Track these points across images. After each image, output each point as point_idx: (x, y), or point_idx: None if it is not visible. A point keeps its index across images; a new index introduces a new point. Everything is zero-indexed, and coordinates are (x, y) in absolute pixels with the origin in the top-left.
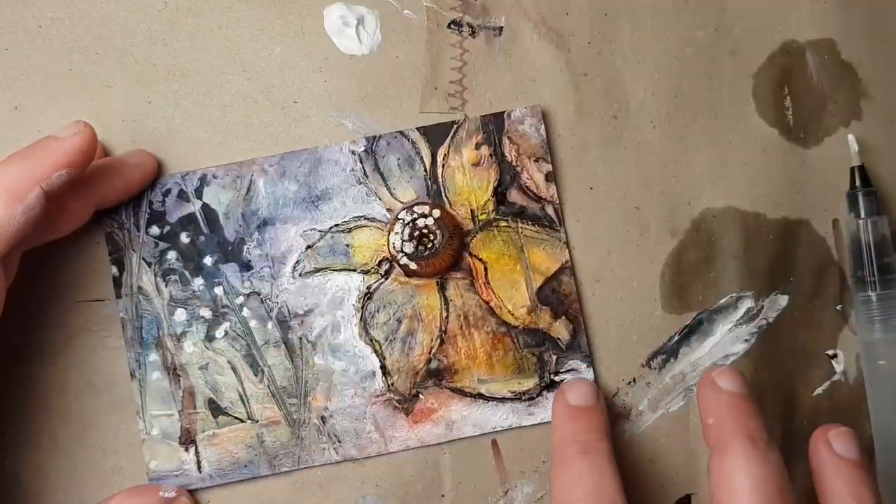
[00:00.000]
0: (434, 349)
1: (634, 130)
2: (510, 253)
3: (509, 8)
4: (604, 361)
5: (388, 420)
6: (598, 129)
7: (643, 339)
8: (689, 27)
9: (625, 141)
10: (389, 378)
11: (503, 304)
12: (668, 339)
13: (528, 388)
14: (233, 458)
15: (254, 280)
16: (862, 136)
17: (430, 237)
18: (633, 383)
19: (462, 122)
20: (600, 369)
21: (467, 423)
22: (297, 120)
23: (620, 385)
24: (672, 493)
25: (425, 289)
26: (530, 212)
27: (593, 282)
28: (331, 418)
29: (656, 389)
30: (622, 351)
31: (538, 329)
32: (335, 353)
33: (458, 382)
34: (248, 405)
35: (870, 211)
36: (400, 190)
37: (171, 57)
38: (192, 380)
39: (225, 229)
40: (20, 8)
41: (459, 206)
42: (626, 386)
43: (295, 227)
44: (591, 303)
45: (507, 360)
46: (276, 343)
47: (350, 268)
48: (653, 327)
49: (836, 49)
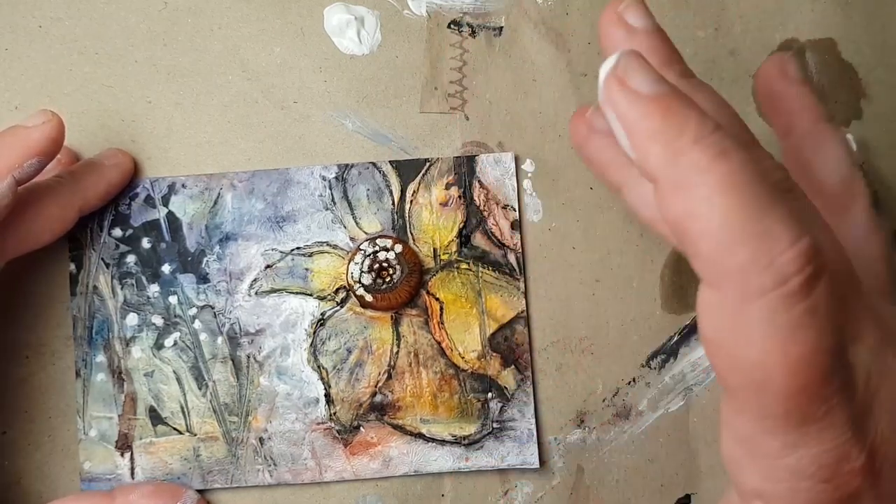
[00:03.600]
0: (381, 383)
1: None
2: (467, 296)
3: (509, 8)
4: (604, 361)
5: (326, 449)
6: None
7: (643, 339)
8: (689, 27)
9: None
10: (332, 407)
11: (454, 345)
12: (668, 339)
13: (469, 433)
14: (167, 468)
15: (209, 293)
16: (862, 136)
17: (390, 271)
18: (633, 383)
19: (434, 161)
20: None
21: (404, 461)
22: (297, 120)
23: (620, 385)
24: (672, 493)
25: (379, 322)
26: (492, 257)
27: (593, 282)
28: (269, 440)
29: (656, 389)
30: (622, 351)
31: (486, 375)
32: (281, 376)
33: (401, 419)
34: (189, 418)
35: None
36: (366, 220)
37: (171, 57)
38: (135, 385)
39: (187, 239)
40: (20, 8)
41: (423, 243)
42: (626, 386)
43: (257, 245)
44: (591, 302)
45: (451, 403)
46: (224, 359)
47: (307, 292)
48: (653, 327)
49: (836, 49)
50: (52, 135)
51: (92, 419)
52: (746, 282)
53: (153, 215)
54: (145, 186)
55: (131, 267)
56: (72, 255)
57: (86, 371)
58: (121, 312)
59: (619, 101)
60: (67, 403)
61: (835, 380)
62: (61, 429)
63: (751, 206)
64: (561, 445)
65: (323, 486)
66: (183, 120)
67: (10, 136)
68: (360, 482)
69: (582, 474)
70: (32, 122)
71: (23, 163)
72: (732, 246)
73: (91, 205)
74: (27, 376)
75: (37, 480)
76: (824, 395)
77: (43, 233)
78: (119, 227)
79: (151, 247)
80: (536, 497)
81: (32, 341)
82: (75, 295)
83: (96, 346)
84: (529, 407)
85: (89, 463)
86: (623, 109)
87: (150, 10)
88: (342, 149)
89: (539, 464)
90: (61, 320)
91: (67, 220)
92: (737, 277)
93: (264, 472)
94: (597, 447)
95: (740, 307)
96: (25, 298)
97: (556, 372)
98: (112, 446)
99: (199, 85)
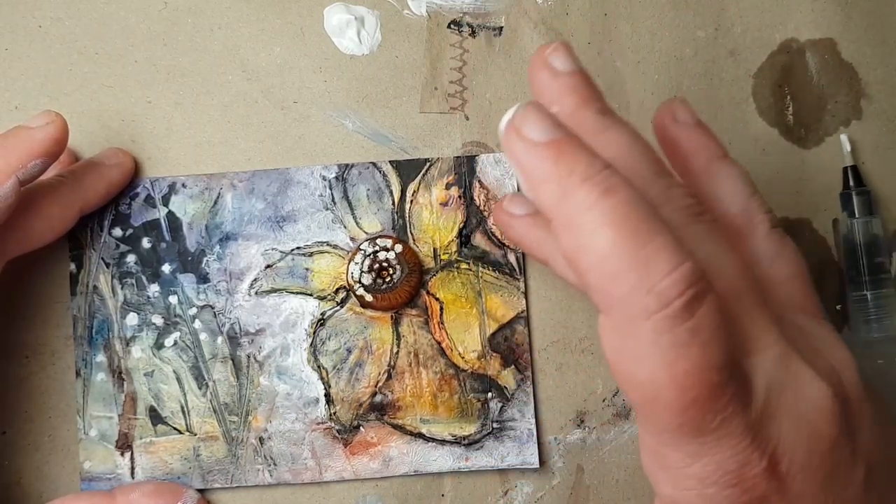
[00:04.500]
0: (380, 383)
1: None
2: (467, 296)
3: (509, 8)
4: (604, 361)
5: (326, 449)
6: None
7: None
8: (689, 27)
9: None
10: (332, 407)
11: (454, 345)
12: None
13: (469, 433)
14: (167, 468)
15: (209, 293)
16: (862, 136)
17: (390, 271)
18: None
19: (434, 161)
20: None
21: (404, 461)
22: (297, 120)
23: None
24: None
25: (379, 322)
26: (492, 257)
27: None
28: (269, 440)
29: None
30: None
31: (486, 375)
32: (281, 376)
33: (401, 419)
34: (189, 417)
35: (863, 211)
36: (366, 220)
37: (171, 57)
38: (136, 385)
39: (187, 239)
40: (20, 8)
41: (423, 243)
42: None
43: (257, 244)
44: (591, 302)
45: (451, 403)
46: (224, 359)
47: (307, 292)
48: None
49: (836, 49)
50: (56, 136)
51: (92, 419)
52: (632, 307)
53: (153, 215)
54: (145, 186)
55: (131, 267)
56: (72, 255)
57: (86, 371)
58: (121, 312)
59: (516, 149)
60: (67, 403)
61: (726, 391)
62: (61, 429)
63: (633, 237)
64: (561, 445)
65: (323, 486)
66: (183, 120)
67: (13, 136)
68: (360, 482)
69: (582, 474)
70: (36, 122)
71: (26, 164)
72: (617, 274)
73: (91, 204)
74: (27, 376)
75: (37, 480)
76: (716, 407)
77: (43, 232)
78: (119, 227)
79: (151, 246)
80: (536, 497)
81: (32, 341)
82: (75, 295)
83: (96, 345)
84: (529, 407)
85: (89, 463)
86: (519, 156)
87: (150, 10)
88: (342, 149)
89: (539, 464)
90: (61, 320)
91: (68, 219)
92: (623, 303)
93: (264, 472)
94: (597, 447)
95: (629, 330)
96: (25, 298)
97: (556, 372)
98: (112, 446)
99: (199, 85)
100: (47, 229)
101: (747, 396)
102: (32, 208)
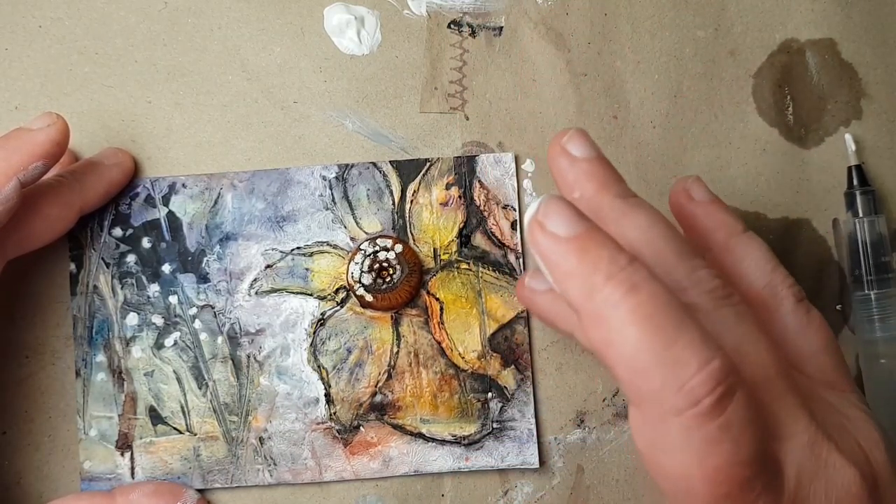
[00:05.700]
0: (381, 383)
1: (634, 130)
2: (467, 296)
3: (509, 8)
4: None
5: (326, 449)
6: (598, 129)
7: None
8: (689, 27)
9: (625, 141)
10: (332, 407)
11: (455, 345)
12: None
13: (469, 433)
14: (167, 468)
15: (209, 293)
16: (862, 136)
17: (390, 271)
18: None
19: (434, 161)
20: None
21: (404, 461)
22: (297, 120)
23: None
24: None
25: (379, 322)
26: (492, 257)
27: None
28: (269, 440)
29: None
30: None
31: (486, 375)
32: (281, 376)
33: (401, 419)
34: (189, 417)
35: (867, 210)
36: (366, 220)
37: (171, 57)
38: (136, 385)
39: (187, 239)
40: (20, 8)
41: (423, 243)
42: None
43: (257, 244)
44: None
45: (451, 403)
46: (224, 359)
47: (307, 292)
48: None
49: (836, 49)
50: (57, 138)
51: (92, 419)
52: (662, 403)
53: (153, 215)
54: (145, 186)
55: (131, 266)
56: (72, 255)
57: (86, 371)
58: (121, 312)
59: (541, 244)
60: (67, 403)
61: (757, 484)
62: (61, 429)
63: (659, 336)
64: (561, 445)
65: (323, 486)
66: (183, 120)
67: (15, 138)
68: (360, 482)
69: (582, 474)
70: (37, 124)
71: (28, 165)
72: (646, 372)
73: (91, 204)
74: (27, 376)
75: (37, 480)
76: (748, 499)
77: (44, 232)
78: (119, 227)
79: (151, 246)
80: (536, 497)
81: (32, 341)
82: (75, 295)
83: (96, 345)
84: (529, 407)
85: (89, 463)
86: (544, 251)
87: (150, 10)
88: (342, 149)
89: (539, 464)
90: (61, 320)
91: (68, 219)
92: (653, 399)
93: (264, 472)
94: (597, 447)
95: (660, 425)
96: (25, 298)
97: (556, 372)
98: (112, 446)
99: (199, 85)
100: (47, 229)
101: (779, 486)
102: (32, 208)
